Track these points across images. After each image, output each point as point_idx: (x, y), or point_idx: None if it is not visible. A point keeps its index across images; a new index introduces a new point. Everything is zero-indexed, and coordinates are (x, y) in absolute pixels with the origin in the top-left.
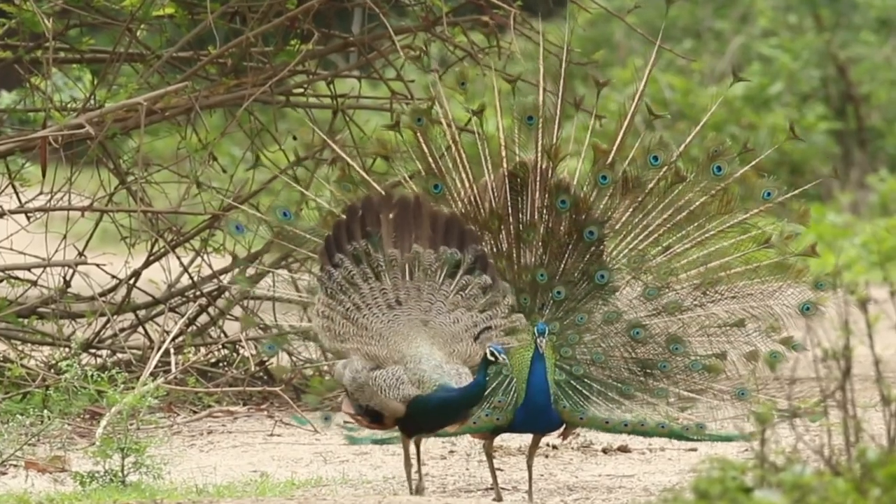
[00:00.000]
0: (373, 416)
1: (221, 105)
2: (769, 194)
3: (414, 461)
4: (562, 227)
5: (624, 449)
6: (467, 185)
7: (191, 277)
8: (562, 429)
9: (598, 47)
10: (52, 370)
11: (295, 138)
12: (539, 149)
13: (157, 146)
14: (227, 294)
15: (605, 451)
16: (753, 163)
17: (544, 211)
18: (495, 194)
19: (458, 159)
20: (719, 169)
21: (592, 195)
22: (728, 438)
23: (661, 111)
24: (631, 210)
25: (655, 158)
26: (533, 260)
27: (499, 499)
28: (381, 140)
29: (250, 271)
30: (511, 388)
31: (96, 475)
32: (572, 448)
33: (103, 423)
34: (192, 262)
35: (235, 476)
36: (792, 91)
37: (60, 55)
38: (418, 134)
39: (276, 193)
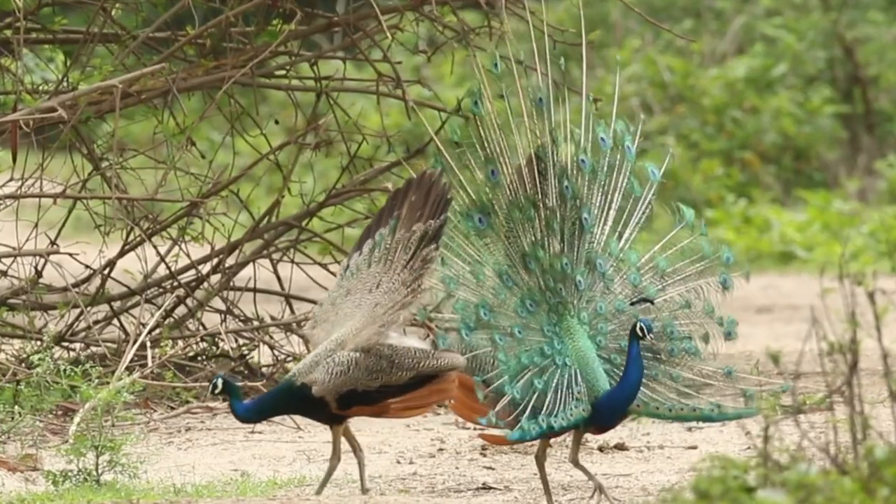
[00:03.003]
0: None
1: (200, 88)
2: (654, 173)
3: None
4: (569, 213)
5: (621, 447)
6: (510, 170)
7: (168, 267)
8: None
9: (594, 27)
10: (23, 364)
11: (277, 122)
12: (549, 132)
13: (133, 130)
14: (205, 285)
15: (601, 449)
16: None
17: (558, 197)
18: (526, 179)
19: (500, 143)
20: (629, 150)
21: (577, 180)
22: (739, 416)
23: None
24: (601, 194)
25: (603, 140)
26: (559, 248)
27: None
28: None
29: (230, 260)
30: (579, 378)
31: (69, 474)
32: (566, 446)
33: (77, 419)
34: (169, 251)
35: (215, 475)
36: (796, 73)
37: (32, 35)
38: (476, 119)
39: (257, 179)
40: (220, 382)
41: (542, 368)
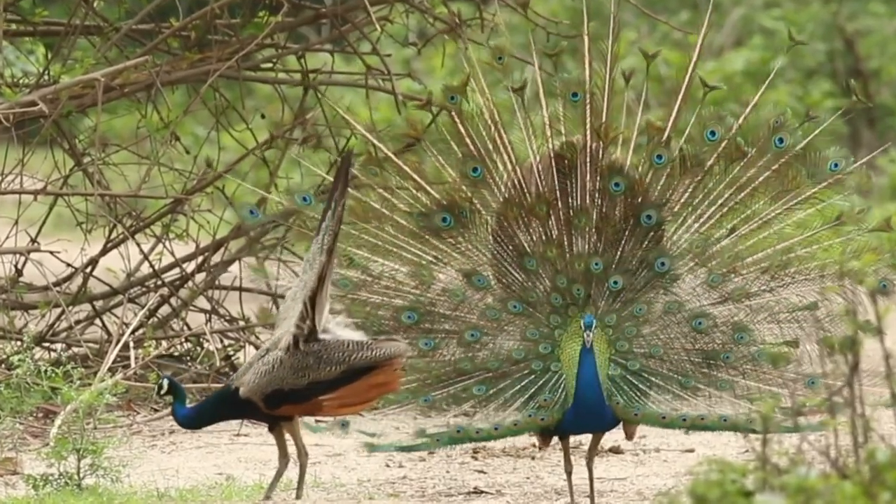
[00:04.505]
0: None
1: (184, 81)
2: (836, 166)
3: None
4: (617, 212)
5: (616, 450)
6: (510, 167)
7: (151, 266)
8: (621, 427)
9: (589, 19)
10: (3, 365)
11: (263, 116)
12: (588, 128)
13: (116, 125)
14: (190, 284)
15: None
16: (816, 132)
17: (597, 195)
18: (541, 177)
19: (499, 140)
20: (781, 141)
21: (648, 176)
22: (796, 429)
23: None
24: (691, 190)
25: (713, 133)
26: (587, 248)
27: None
28: (412, 120)
29: (216, 259)
30: (560, 385)
31: (50, 478)
32: (560, 449)
33: (58, 422)
34: (152, 249)
35: (199, 479)
36: (796, 66)
37: (11, 27)
38: (453, 113)
39: (242, 175)
40: (165, 383)
41: (502, 374)
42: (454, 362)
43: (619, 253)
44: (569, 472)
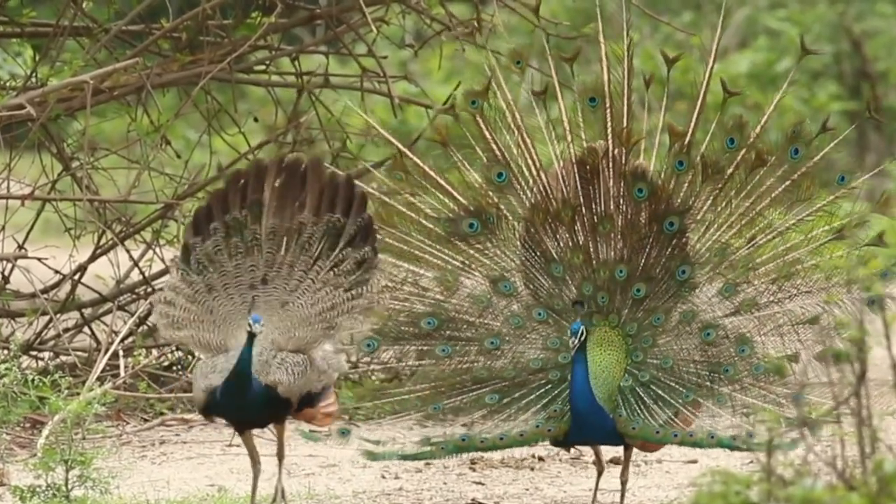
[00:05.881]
0: None
1: (175, 83)
2: (843, 179)
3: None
4: (641, 219)
5: (617, 461)
6: (535, 172)
7: (141, 272)
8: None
9: (590, 20)
10: None
11: (256, 120)
12: (610, 133)
13: (105, 128)
14: None
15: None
16: (833, 143)
17: (620, 201)
18: (566, 183)
19: (523, 145)
20: (797, 152)
21: (670, 182)
22: (784, 446)
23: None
24: (712, 198)
25: (732, 141)
26: (613, 255)
27: None
28: (438, 126)
29: None
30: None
31: (38, 490)
32: (560, 460)
33: (45, 432)
34: (142, 255)
35: (190, 490)
36: (802, 68)
37: None
38: (477, 118)
39: None
40: (255, 321)
41: (518, 383)
42: (471, 370)
43: (643, 260)
44: (599, 473)
